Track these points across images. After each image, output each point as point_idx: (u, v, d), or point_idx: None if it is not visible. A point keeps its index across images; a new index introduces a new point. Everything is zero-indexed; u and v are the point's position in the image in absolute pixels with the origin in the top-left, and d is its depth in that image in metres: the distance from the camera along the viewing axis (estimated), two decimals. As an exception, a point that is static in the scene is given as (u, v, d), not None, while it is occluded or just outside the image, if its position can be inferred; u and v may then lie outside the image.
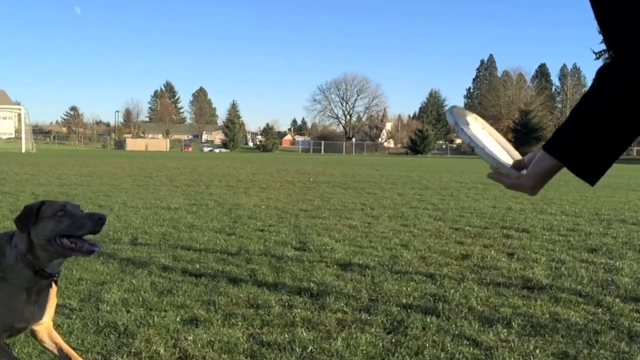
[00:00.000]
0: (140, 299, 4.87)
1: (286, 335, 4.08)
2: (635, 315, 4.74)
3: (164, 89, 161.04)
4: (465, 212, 11.49)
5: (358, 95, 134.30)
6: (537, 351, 3.90)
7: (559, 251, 7.46)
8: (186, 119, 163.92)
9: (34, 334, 3.21)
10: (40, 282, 2.96)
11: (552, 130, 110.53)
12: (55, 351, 3.24)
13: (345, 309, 4.74)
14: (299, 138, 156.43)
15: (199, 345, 3.88)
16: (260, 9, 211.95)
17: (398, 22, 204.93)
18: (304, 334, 4.11)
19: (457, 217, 10.62)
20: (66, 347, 3.25)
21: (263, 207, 11.77)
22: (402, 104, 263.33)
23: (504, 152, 1.97)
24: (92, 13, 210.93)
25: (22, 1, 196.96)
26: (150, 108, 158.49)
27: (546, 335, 4.18)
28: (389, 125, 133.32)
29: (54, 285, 3.09)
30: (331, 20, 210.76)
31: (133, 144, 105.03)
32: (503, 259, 6.88)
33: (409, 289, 5.39)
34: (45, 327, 3.17)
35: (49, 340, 3.22)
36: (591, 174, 1.50)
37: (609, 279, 5.96)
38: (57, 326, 4.11)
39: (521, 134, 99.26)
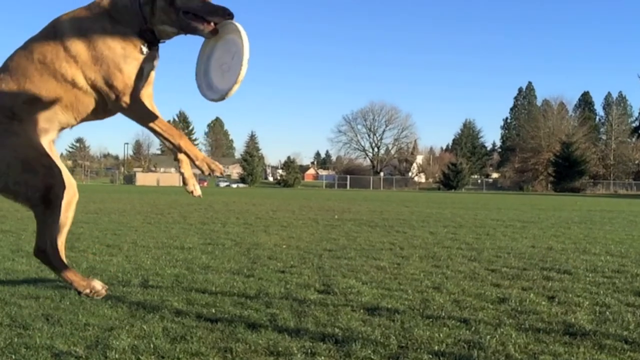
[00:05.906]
0: (152, 345, 4.91)
1: (308, 385, 4.09)
2: (688, 364, 4.70)
3: (177, 118, 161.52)
4: (502, 252, 11.44)
5: (386, 126, 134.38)
6: (581, 403, 3.89)
7: (604, 294, 7.40)
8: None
9: None
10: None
11: (595, 163, 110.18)
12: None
13: (372, 357, 4.75)
14: (322, 172, 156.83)
15: (215, 395, 3.91)
16: (281, 34, 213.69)
17: (428, 48, 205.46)
18: (328, 383, 4.12)
19: (494, 258, 10.58)
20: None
21: (284, 246, 11.81)
22: (434, 135, 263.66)
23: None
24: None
25: (22, 19, 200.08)
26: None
27: (590, 386, 4.16)
28: (419, 159, 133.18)
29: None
30: (356, 48, 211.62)
31: (143, 178, 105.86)
32: (543, 303, 6.84)
33: (441, 335, 5.38)
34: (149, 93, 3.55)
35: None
36: None
37: (659, 324, 5.92)
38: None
39: (563, 168, 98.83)
